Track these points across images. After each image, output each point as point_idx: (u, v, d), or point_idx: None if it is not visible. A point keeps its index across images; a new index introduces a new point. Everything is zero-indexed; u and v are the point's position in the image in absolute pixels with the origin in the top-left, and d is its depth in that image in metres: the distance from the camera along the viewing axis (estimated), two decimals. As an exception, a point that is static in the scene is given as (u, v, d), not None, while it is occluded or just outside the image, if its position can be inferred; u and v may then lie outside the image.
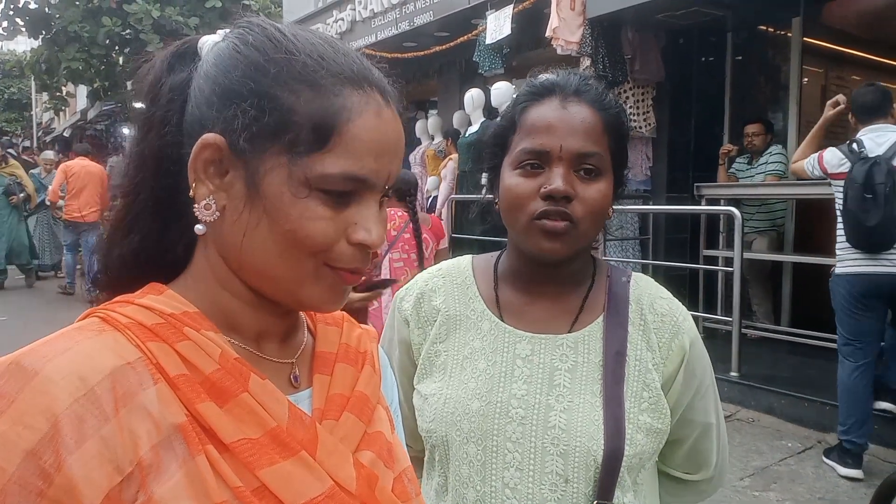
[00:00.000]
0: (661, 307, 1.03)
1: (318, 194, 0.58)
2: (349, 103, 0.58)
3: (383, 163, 0.60)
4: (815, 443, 3.81)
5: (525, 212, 0.96)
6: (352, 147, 0.58)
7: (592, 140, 0.96)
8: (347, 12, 8.15)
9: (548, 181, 0.94)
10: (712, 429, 1.07)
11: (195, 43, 0.65)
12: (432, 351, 1.06)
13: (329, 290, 0.61)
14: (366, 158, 0.59)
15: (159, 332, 0.57)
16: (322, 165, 0.57)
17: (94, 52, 13.56)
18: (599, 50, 5.44)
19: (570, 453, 0.93)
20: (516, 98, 1.02)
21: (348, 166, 0.58)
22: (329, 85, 0.58)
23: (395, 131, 0.62)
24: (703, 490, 1.14)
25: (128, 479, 0.51)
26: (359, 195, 0.60)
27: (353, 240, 0.59)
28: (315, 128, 0.57)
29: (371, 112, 0.59)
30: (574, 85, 0.99)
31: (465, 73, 7.77)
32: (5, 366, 0.52)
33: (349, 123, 0.58)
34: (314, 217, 0.58)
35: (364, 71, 0.61)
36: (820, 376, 4.42)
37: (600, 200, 0.97)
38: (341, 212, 0.59)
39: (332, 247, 0.59)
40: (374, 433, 0.67)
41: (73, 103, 20.57)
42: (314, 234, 0.58)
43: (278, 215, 0.57)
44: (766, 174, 5.28)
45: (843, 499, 3.17)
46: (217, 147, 0.58)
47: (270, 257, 0.59)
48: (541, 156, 0.96)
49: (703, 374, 1.04)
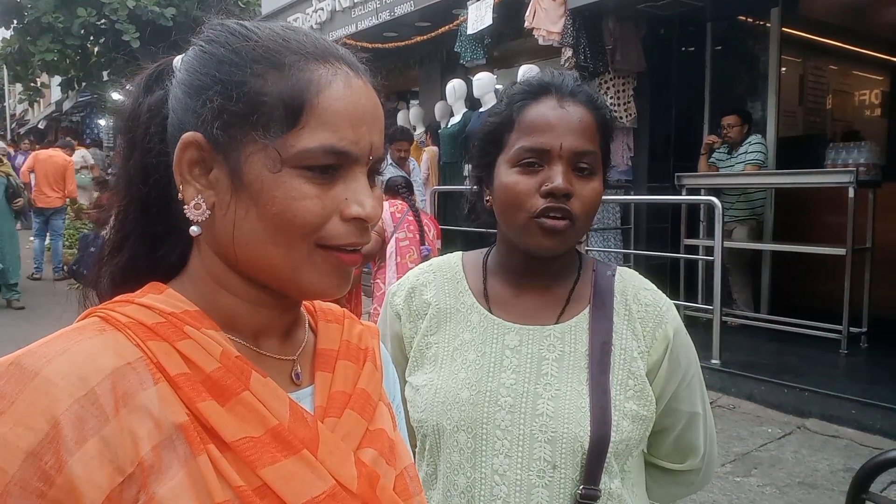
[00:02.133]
0: (644, 298, 1.05)
1: (299, 172, 0.57)
2: (315, 77, 0.58)
3: (361, 132, 0.59)
4: (794, 428, 3.87)
5: (524, 209, 0.98)
6: (325, 119, 0.57)
7: (588, 139, 0.99)
8: (327, 2, 8.08)
9: (548, 179, 0.96)
10: (698, 418, 1.08)
11: (170, 63, 0.66)
12: (423, 343, 1.07)
13: (328, 274, 0.60)
14: (342, 129, 0.58)
15: (160, 331, 0.56)
16: (299, 142, 0.57)
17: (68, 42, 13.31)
18: (580, 40, 5.45)
19: (558, 440, 0.95)
20: (511, 96, 1.03)
21: (325, 139, 0.57)
22: (293, 63, 0.58)
23: (368, 100, 0.61)
24: (692, 482, 1.15)
25: (129, 479, 0.50)
26: (345, 171, 0.59)
27: (346, 215, 0.59)
28: (286, 106, 0.57)
29: (339, 82, 0.59)
30: (569, 85, 1.01)
31: (446, 63, 7.75)
32: (5, 366, 0.51)
33: (319, 96, 0.58)
34: (299, 196, 0.57)
35: (328, 46, 0.62)
36: (799, 362, 4.51)
37: (595, 198, 1.00)
38: (328, 189, 0.58)
39: (322, 225, 0.58)
40: (375, 430, 0.67)
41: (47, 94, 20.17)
42: (301, 214, 0.57)
43: (264, 201, 0.57)
44: (745, 164, 5.33)
45: (823, 483, 3.23)
46: (197, 144, 0.58)
47: (263, 245, 0.58)
48: (541, 154, 0.98)
49: (689, 364, 1.06)
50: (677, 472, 1.13)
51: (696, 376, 1.07)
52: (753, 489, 3.20)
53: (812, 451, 3.58)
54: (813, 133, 6.90)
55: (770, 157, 5.57)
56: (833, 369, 4.43)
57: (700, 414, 1.08)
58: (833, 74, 7.45)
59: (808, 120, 7.01)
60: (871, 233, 4.66)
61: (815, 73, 7.11)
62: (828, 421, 3.87)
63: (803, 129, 6.81)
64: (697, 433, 1.09)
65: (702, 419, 1.09)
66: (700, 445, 1.10)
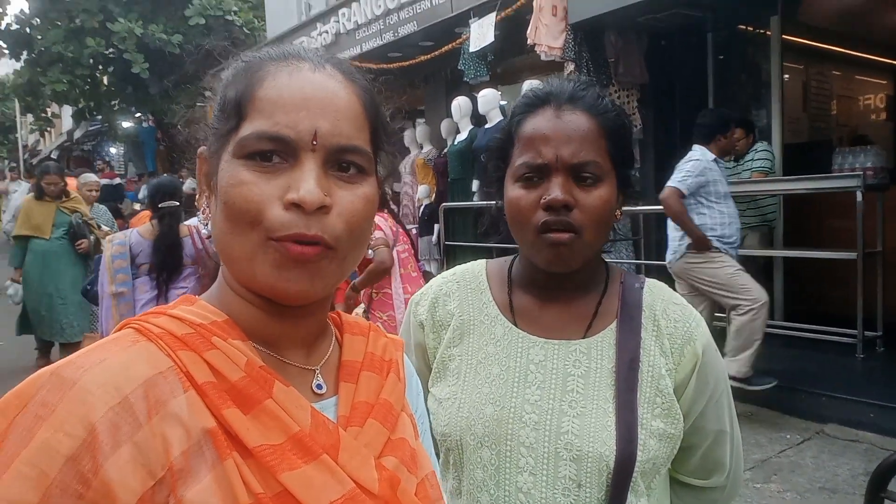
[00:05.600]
0: (674, 313, 1.03)
1: (241, 161, 0.60)
2: (264, 74, 0.63)
3: (299, 117, 0.60)
4: (813, 434, 3.85)
5: (529, 224, 0.97)
6: (261, 108, 0.61)
7: (588, 147, 0.96)
8: (332, 24, 8.19)
9: (546, 192, 0.95)
10: (726, 436, 1.06)
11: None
12: (446, 355, 1.06)
13: (278, 266, 0.59)
14: (277, 115, 0.60)
15: (189, 342, 0.59)
16: (239, 133, 0.61)
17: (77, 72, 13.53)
18: (583, 54, 5.50)
19: (583, 458, 0.93)
20: (513, 110, 1.03)
21: (258, 126, 0.60)
22: (254, 66, 0.64)
23: (314, 86, 0.62)
24: (716, 500, 1.12)
25: (160, 483, 0.52)
26: (292, 159, 0.60)
27: (285, 201, 0.59)
28: (235, 104, 0.62)
29: (283, 73, 0.62)
30: (568, 92, 0.99)
31: (450, 81, 7.82)
32: (46, 376, 0.54)
33: (259, 88, 0.62)
34: (236, 183, 0.60)
35: (294, 50, 0.65)
36: (815, 368, 4.48)
37: (601, 207, 0.96)
38: (272, 177, 0.59)
39: (262, 213, 0.59)
40: (397, 440, 0.68)
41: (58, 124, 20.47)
42: (237, 199, 0.59)
43: (219, 193, 0.62)
44: (752, 171, 5.34)
45: (844, 487, 3.20)
46: (203, 157, 0.67)
47: (224, 237, 0.62)
48: (538, 168, 0.96)
49: (717, 382, 1.03)
50: (702, 488, 1.10)
51: (724, 393, 1.04)
52: (774, 495, 3.18)
53: (832, 455, 3.55)
54: (818, 139, 6.89)
55: (777, 163, 5.58)
56: (850, 374, 4.40)
57: (727, 432, 1.06)
58: (836, 80, 7.46)
59: (813, 126, 7.01)
60: (882, 236, 4.65)
61: (818, 80, 7.12)
62: (847, 426, 3.84)
63: (808, 136, 6.81)
64: (724, 450, 1.07)
65: (729, 437, 1.06)
66: (726, 463, 1.08)
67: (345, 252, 0.62)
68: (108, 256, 3.73)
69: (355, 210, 0.62)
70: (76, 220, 5.59)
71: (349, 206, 0.61)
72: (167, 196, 3.74)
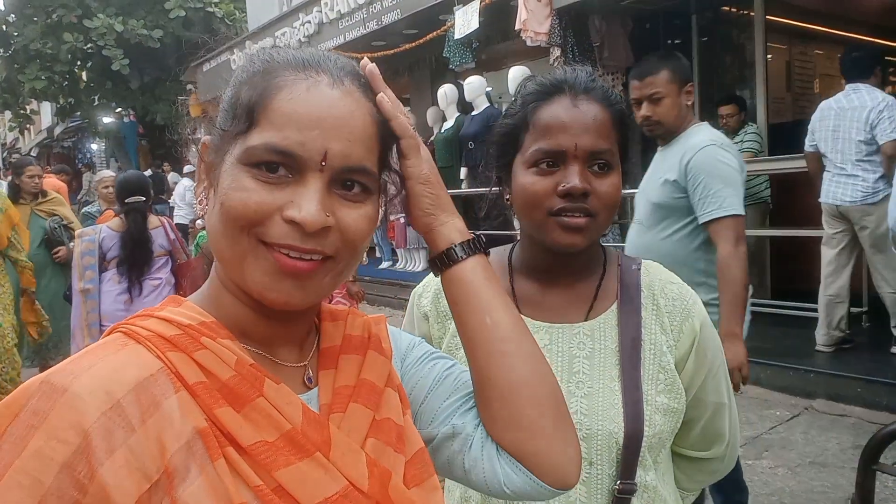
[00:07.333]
0: (671, 291, 1.06)
1: (247, 168, 0.60)
2: (281, 83, 0.62)
3: (311, 136, 0.60)
4: (802, 410, 3.91)
5: (542, 209, 0.99)
6: (273, 119, 0.60)
7: (604, 136, 0.99)
8: (314, 15, 8.12)
9: (565, 179, 0.97)
10: (724, 408, 1.10)
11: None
12: (453, 344, 1.08)
13: (265, 272, 0.60)
14: (287, 129, 0.60)
15: (178, 343, 0.59)
16: (248, 140, 0.61)
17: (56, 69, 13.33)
18: (568, 39, 5.50)
19: (593, 437, 0.97)
20: (525, 96, 1.04)
21: (268, 137, 0.60)
22: (272, 71, 0.63)
23: (330, 104, 0.61)
24: (715, 470, 1.17)
25: (155, 485, 0.53)
26: (299, 175, 0.60)
27: (284, 216, 0.59)
28: (247, 108, 0.62)
29: (300, 87, 0.61)
30: (583, 82, 1.01)
31: (435, 69, 7.79)
32: (37, 384, 0.54)
33: (274, 99, 0.61)
34: (239, 188, 0.60)
35: (313, 58, 0.64)
36: (803, 345, 4.54)
37: (614, 193, 1.00)
38: (276, 189, 0.60)
39: (259, 221, 0.59)
40: (382, 420, 0.68)
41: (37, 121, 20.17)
42: (236, 204, 0.60)
43: (218, 192, 0.62)
44: (742, 151, 5.37)
45: (833, 461, 3.27)
46: (206, 146, 0.66)
47: (218, 236, 0.62)
48: (556, 155, 0.98)
49: (714, 356, 1.07)
50: (703, 459, 1.14)
51: (721, 367, 1.08)
52: (766, 471, 3.24)
53: (821, 431, 3.62)
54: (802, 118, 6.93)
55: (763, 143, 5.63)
56: (837, 349, 4.47)
57: (726, 403, 1.10)
58: (819, 59, 7.51)
59: (797, 105, 7.07)
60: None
61: (801, 59, 7.17)
62: (834, 401, 3.91)
63: (792, 115, 6.86)
64: (724, 422, 1.11)
65: (727, 408, 1.10)
66: (725, 433, 1.12)
67: (344, 263, 0.64)
68: (77, 253, 3.72)
69: (357, 229, 0.63)
70: (51, 225, 4.90)
71: (351, 225, 0.62)
72: (134, 192, 3.74)
